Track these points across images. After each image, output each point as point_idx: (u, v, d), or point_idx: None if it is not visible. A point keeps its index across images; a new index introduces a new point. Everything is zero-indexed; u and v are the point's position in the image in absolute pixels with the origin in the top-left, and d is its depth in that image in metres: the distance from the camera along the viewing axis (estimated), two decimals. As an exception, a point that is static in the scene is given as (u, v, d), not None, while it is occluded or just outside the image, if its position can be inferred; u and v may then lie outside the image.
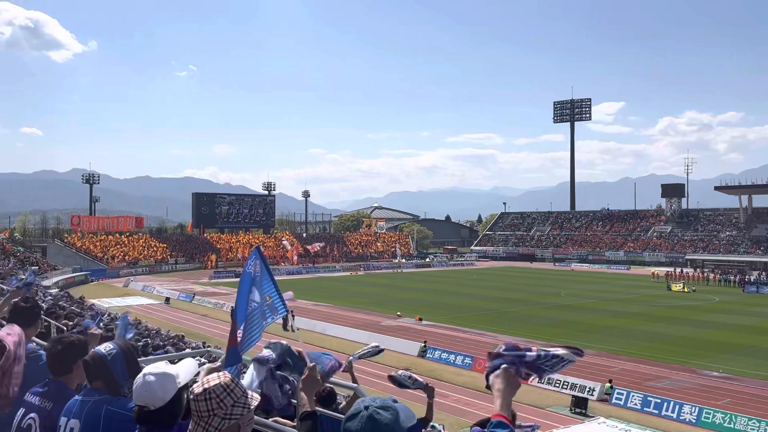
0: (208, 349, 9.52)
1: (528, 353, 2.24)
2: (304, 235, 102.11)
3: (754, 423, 17.68)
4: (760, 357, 27.38)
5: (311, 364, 3.33)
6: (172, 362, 2.76)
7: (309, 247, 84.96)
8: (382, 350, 5.64)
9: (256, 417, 3.38)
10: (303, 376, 3.34)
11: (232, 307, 4.30)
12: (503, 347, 2.26)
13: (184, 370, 2.62)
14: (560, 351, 2.25)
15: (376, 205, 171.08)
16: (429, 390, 5.67)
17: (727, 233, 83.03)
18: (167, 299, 46.13)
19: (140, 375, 2.54)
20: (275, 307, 3.88)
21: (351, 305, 44.33)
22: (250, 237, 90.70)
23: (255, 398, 2.30)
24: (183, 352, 9.12)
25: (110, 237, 78.93)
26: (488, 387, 2.22)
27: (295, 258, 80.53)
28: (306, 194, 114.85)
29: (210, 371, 3.41)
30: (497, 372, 2.19)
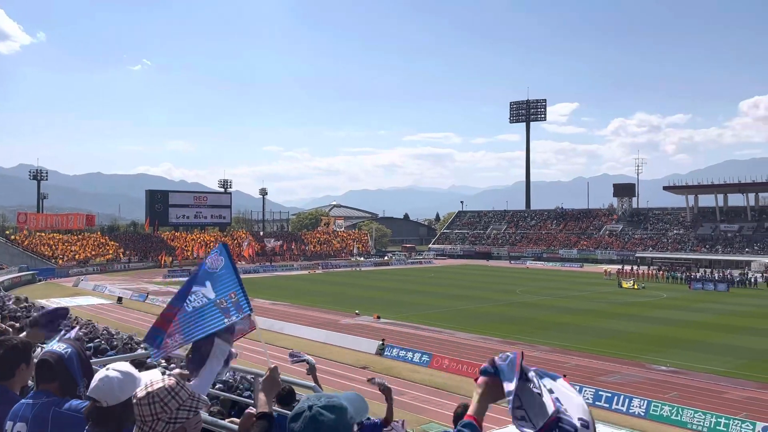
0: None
1: (510, 382, 1.89)
2: (262, 233, 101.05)
3: (699, 415, 18.33)
4: (706, 351, 28.41)
5: (273, 366, 3.28)
6: (138, 369, 2.70)
7: (267, 247, 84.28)
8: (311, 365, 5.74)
9: (210, 417, 3.33)
10: (264, 377, 3.30)
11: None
12: (505, 360, 1.97)
13: (149, 378, 2.57)
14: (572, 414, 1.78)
15: (334, 203, 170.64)
16: (386, 391, 5.67)
17: (675, 232, 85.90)
18: (119, 299, 45.01)
19: (104, 369, 2.49)
20: (240, 305, 3.78)
21: (309, 304, 44.10)
22: (206, 235, 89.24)
23: (203, 400, 2.25)
24: (137, 353, 8.93)
25: (59, 235, 76.51)
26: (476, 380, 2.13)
27: (252, 253, 79.79)
28: (263, 192, 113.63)
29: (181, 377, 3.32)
30: (483, 378, 2.08)
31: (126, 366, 2.51)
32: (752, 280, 59.33)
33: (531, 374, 1.94)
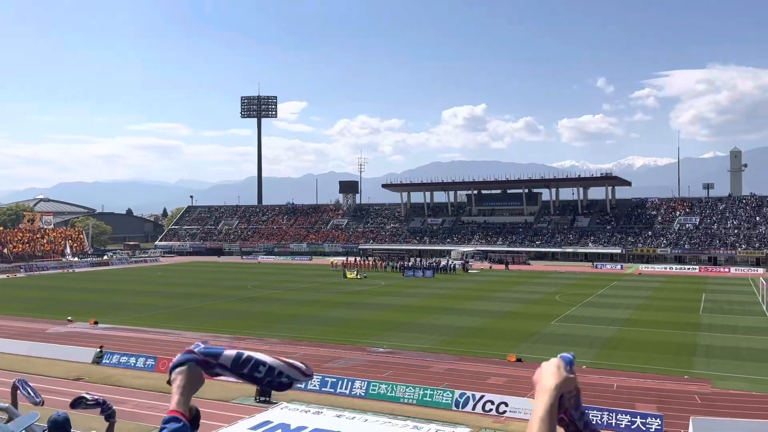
0: None
1: (224, 352, 2.03)
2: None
3: (410, 389, 20.62)
4: (415, 331, 32.00)
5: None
6: None
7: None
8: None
9: None
10: None
11: None
12: (199, 346, 2.13)
13: None
14: (269, 359, 2.01)
15: (41, 196, 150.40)
16: (108, 409, 5.18)
17: (392, 225, 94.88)
18: None
19: None
20: None
21: (8, 313, 38.23)
22: None
23: None
24: None
25: None
26: (169, 382, 2.13)
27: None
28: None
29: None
30: (180, 368, 2.10)
31: None
32: (452, 267, 68.42)
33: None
